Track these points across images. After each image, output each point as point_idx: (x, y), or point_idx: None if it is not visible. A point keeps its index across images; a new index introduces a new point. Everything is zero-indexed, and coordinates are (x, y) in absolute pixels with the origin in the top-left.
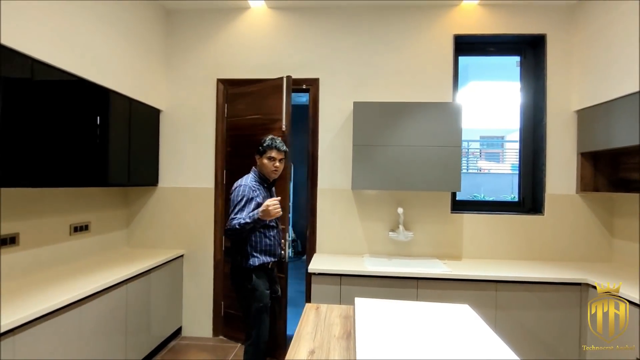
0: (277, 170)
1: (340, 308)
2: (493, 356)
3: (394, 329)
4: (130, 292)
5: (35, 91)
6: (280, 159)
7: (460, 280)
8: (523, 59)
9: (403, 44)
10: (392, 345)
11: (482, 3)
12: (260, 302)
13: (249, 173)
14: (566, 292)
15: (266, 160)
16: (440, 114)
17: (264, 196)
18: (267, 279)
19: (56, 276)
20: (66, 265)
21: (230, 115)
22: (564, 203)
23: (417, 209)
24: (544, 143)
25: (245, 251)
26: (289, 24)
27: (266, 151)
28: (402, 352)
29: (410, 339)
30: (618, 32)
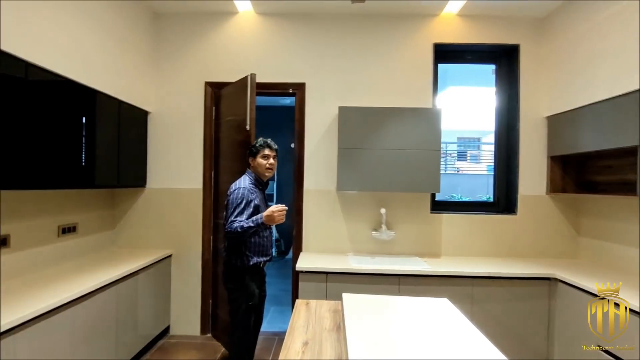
0: (272, 168)
1: (329, 303)
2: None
3: (380, 321)
4: (120, 293)
5: (23, 92)
6: (274, 156)
7: (439, 276)
8: (498, 67)
9: (386, 51)
10: (380, 335)
11: (460, 14)
12: (249, 302)
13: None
14: (536, 286)
15: (260, 159)
16: (421, 119)
17: (260, 198)
18: (259, 278)
19: (46, 278)
20: (56, 266)
21: (216, 117)
22: (535, 203)
23: (399, 209)
24: (517, 147)
25: (240, 251)
26: (276, 29)
27: (259, 151)
28: (389, 341)
29: (396, 330)
30: (584, 45)
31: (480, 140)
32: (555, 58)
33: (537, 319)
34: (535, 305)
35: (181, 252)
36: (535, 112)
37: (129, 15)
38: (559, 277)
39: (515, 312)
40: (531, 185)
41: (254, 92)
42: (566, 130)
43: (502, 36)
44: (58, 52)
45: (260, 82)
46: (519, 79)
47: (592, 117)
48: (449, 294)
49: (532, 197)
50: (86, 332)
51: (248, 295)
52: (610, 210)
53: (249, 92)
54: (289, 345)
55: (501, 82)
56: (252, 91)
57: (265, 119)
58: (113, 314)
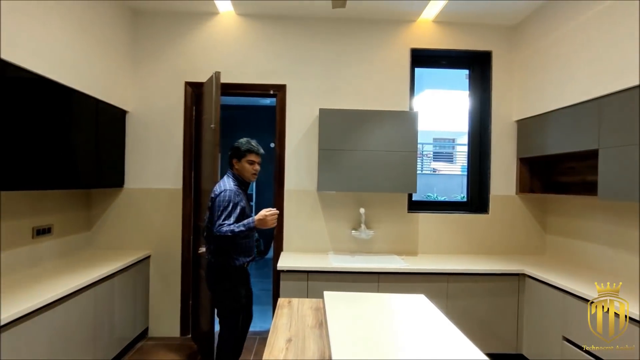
0: (256, 174)
1: (311, 301)
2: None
3: (360, 317)
4: (98, 295)
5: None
6: (259, 162)
7: (416, 273)
8: (471, 72)
9: (365, 55)
10: (361, 331)
11: (436, 20)
12: (236, 302)
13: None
14: (507, 282)
15: (246, 164)
16: (399, 122)
17: (244, 198)
18: (245, 278)
19: (21, 280)
20: (30, 269)
21: (196, 117)
22: (506, 203)
23: (377, 209)
24: (488, 149)
25: (226, 253)
26: (256, 31)
27: (245, 155)
28: (370, 337)
29: (376, 326)
30: (551, 54)
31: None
32: (525, 65)
33: (508, 312)
34: (506, 299)
35: (160, 253)
36: (506, 116)
37: (106, 13)
38: (527, 273)
39: (487, 307)
40: (502, 186)
41: (219, 91)
42: (534, 133)
43: (475, 43)
44: (33, 49)
45: (241, 83)
46: (491, 84)
47: (557, 122)
48: (425, 290)
49: (503, 197)
50: (63, 336)
51: (234, 296)
52: (574, 209)
53: (214, 90)
54: (272, 343)
55: (474, 86)
56: (217, 90)
57: (245, 118)
58: (91, 317)
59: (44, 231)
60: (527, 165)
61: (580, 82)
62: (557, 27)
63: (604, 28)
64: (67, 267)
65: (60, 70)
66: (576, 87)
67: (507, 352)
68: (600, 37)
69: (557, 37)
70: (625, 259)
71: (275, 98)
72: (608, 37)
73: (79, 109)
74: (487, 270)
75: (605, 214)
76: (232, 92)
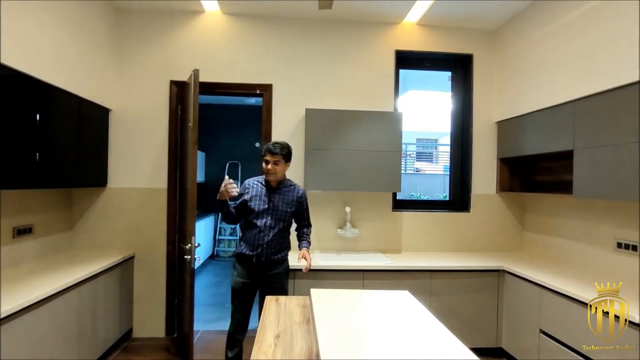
0: (272, 172)
1: (298, 298)
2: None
3: (347, 313)
4: (82, 296)
5: None
6: (275, 161)
7: (400, 270)
8: (454, 75)
9: (351, 56)
10: (347, 327)
11: (420, 23)
12: (233, 288)
13: None
14: (487, 278)
15: (263, 163)
16: (384, 122)
17: (259, 193)
18: (245, 267)
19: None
20: (11, 269)
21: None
22: (486, 201)
23: (363, 208)
24: (470, 149)
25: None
26: (243, 30)
27: (263, 155)
28: (356, 332)
29: (361, 321)
30: (529, 58)
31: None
32: (504, 68)
33: (488, 308)
34: (486, 295)
35: (145, 253)
36: (487, 117)
37: (90, 11)
38: (506, 269)
39: (469, 302)
40: (483, 185)
41: (197, 89)
42: (513, 134)
43: (457, 46)
44: (12, 46)
45: (227, 82)
46: (472, 86)
47: (535, 124)
48: (409, 287)
49: (484, 196)
50: (46, 337)
51: (232, 281)
52: (550, 207)
53: (192, 88)
54: (261, 339)
55: (457, 88)
56: (195, 87)
57: (230, 118)
58: (74, 318)
59: (24, 231)
60: (507, 165)
61: (556, 85)
62: (534, 31)
63: (579, 32)
64: (49, 268)
65: (41, 67)
66: (552, 90)
67: (488, 346)
68: (575, 42)
69: (534, 41)
70: (597, 254)
71: (262, 98)
72: (583, 41)
73: (61, 107)
74: (468, 267)
75: (579, 212)
76: (218, 92)
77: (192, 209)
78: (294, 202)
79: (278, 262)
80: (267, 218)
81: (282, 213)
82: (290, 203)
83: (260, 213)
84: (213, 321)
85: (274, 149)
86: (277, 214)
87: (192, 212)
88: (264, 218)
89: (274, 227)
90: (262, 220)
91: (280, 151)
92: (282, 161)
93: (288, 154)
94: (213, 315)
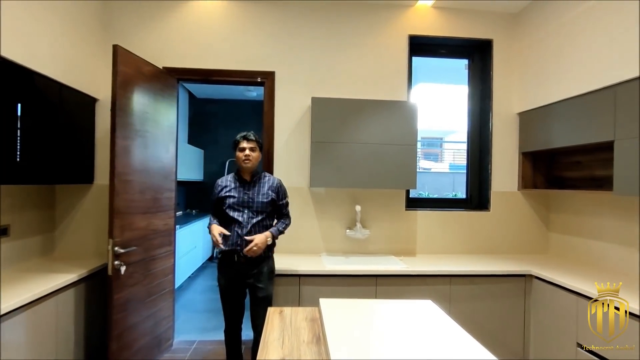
0: (249, 159)
1: (305, 310)
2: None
3: (364, 329)
4: (60, 305)
5: None
6: (251, 148)
7: (417, 275)
8: (471, 63)
9: (360, 41)
10: (366, 346)
11: (435, 6)
12: (219, 289)
13: None
14: (512, 283)
15: (238, 152)
16: (397, 112)
17: (234, 188)
18: (226, 268)
19: None
20: None
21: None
22: (508, 200)
23: (373, 206)
24: (489, 143)
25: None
26: (243, 15)
27: (236, 145)
28: (377, 352)
29: (383, 338)
30: (554, 42)
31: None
32: (528, 54)
33: (514, 317)
34: (512, 302)
35: None
36: (507, 109)
37: None
38: (534, 274)
39: (492, 310)
40: (503, 182)
41: (117, 64)
42: (538, 126)
43: (475, 31)
44: None
45: (226, 69)
46: (491, 75)
47: (564, 113)
48: (426, 294)
49: (505, 194)
50: (20, 349)
51: (218, 280)
52: (580, 206)
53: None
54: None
55: (474, 77)
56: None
57: (230, 113)
58: (52, 328)
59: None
60: (529, 160)
61: (589, 70)
62: (562, 13)
63: (617, 10)
64: (26, 273)
65: (14, 48)
66: (585, 76)
67: (514, 359)
68: (611, 22)
69: (562, 24)
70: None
71: (263, 87)
72: (620, 23)
73: (39, 94)
74: (492, 271)
75: (615, 210)
76: (216, 80)
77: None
78: (270, 191)
79: (260, 260)
80: (244, 211)
81: (259, 204)
82: (267, 193)
83: (237, 206)
84: (210, 330)
85: (249, 135)
86: (254, 205)
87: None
88: (241, 211)
89: (252, 219)
90: (239, 214)
91: (255, 138)
92: (257, 148)
93: (261, 143)
94: (210, 324)
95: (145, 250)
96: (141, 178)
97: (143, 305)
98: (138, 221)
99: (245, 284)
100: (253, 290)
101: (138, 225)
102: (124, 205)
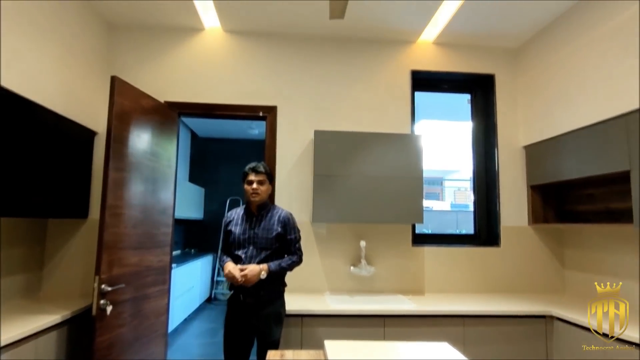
0: (257, 192)
1: (309, 354)
2: None
3: None
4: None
5: None
6: (259, 181)
7: (426, 316)
8: (473, 97)
9: (363, 76)
10: None
11: (437, 42)
12: (223, 333)
13: None
14: (531, 325)
15: (246, 185)
16: (402, 145)
17: (240, 223)
18: (235, 310)
19: None
20: None
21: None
22: (518, 235)
23: (378, 242)
24: (496, 177)
25: None
26: (245, 49)
27: (245, 177)
28: None
29: None
30: (557, 75)
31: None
32: (531, 87)
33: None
34: (532, 345)
35: None
36: (513, 142)
37: (77, 23)
38: (555, 315)
39: (511, 355)
40: (513, 216)
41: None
42: (546, 158)
43: (477, 65)
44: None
45: (228, 104)
46: (495, 109)
47: (574, 145)
48: (439, 336)
49: (515, 228)
50: None
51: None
52: (598, 241)
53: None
54: None
55: (477, 112)
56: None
57: (230, 151)
58: None
59: None
60: (539, 194)
61: (597, 101)
62: (563, 46)
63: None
64: (6, 314)
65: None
66: (592, 107)
67: None
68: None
69: (563, 57)
70: None
71: (265, 121)
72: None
73: (36, 125)
74: (510, 311)
75: (633, 245)
76: (218, 114)
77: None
78: (277, 224)
79: (267, 302)
80: (248, 247)
81: (264, 240)
82: (272, 227)
83: (242, 242)
84: None
85: (258, 167)
86: (258, 241)
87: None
88: (246, 247)
89: (255, 257)
90: (244, 251)
91: (265, 170)
92: (267, 181)
93: (271, 174)
94: None
95: (136, 288)
96: (135, 212)
97: (131, 349)
98: (129, 256)
99: (251, 327)
100: (259, 336)
101: (129, 261)
102: (114, 239)
